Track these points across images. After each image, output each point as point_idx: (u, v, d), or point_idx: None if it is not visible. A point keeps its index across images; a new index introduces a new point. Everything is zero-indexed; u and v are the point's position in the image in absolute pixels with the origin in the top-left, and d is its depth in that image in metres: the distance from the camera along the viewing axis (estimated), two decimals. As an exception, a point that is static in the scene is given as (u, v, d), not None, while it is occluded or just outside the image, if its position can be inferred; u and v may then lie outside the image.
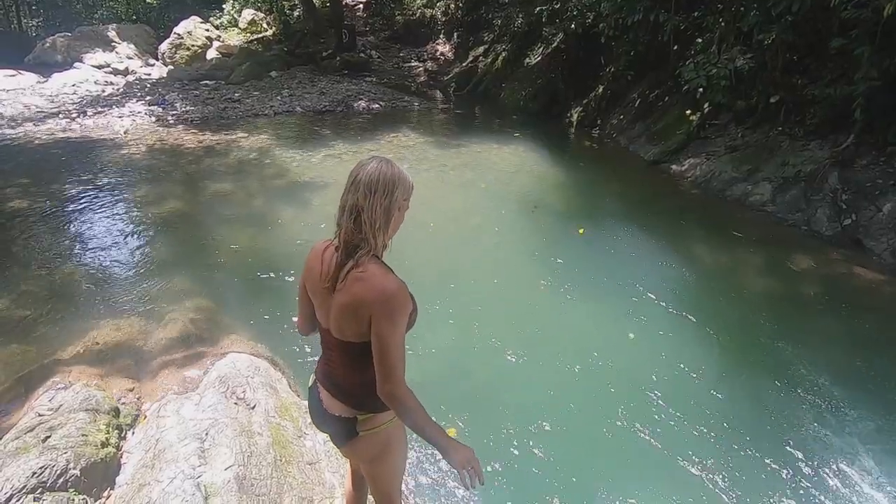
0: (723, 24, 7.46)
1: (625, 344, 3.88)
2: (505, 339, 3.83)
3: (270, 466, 2.40)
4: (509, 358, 3.66)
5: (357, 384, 1.53)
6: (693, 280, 4.84)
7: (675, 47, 8.39)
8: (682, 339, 3.97)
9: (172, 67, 15.52)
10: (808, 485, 2.80)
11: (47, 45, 16.53)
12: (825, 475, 2.86)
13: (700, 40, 7.64)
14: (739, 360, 3.77)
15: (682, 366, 3.68)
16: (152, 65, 16.37)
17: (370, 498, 2.08)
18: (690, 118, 7.93)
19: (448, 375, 3.54)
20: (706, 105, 7.70)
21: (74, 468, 2.31)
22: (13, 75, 13.41)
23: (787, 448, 3.01)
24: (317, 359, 1.76)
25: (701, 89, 7.17)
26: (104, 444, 2.55)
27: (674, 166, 7.66)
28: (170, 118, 10.37)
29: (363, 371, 1.47)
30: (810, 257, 5.25)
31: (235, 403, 2.80)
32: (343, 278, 1.41)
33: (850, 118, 5.94)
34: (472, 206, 6.47)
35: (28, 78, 13.51)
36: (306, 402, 3.01)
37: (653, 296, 4.46)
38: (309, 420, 2.83)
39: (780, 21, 6.40)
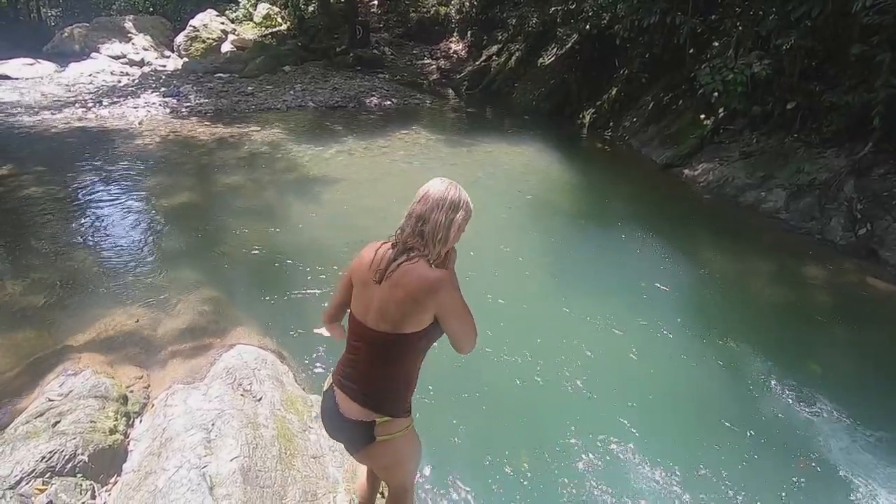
0: (740, 27, 7.37)
1: (631, 348, 3.85)
2: (508, 340, 3.81)
3: (275, 459, 2.41)
4: (511, 358, 3.65)
5: (379, 378, 1.57)
6: (703, 286, 4.79)
7: (691, 51, 8.30)
8: (691, 344, 3.94)
9: (187, 60, 15.65)
10: (820, 498, 2.76)
11: (65, 35, 16.75)
12: (836, 489, 2.82)
13: (717, 44, 7.56)
14: (749, 368, 3.73)
15: (689, 373, 3.65)
16: (167, 56, 16.52)
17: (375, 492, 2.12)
18: (704, 122, 7.85)
19: (451, 374, 3.53)
20: (721, 110, 7.61)
21: (83, 454, 2.34)
22: (32, 64, 13.60)
23: (798, 460, 2.97)
24: (323, 352, 1.76)
25: (716, 94, 7.09)
26: (112, 431, 2.58)
27: (686, 170, 7.59)
28: (184, 110, 10.45)
29: (388, 365, 1.54)
30: (823, 266, 5.18)
31: (242, 395, 2.82)
32: (392, 270, 1.49)
33: (868, 126, 5.84)
34: (480, 205, 6.44)
35: (46, 67, 13.70)
36: (312, 396, 3.05)
37: (662, 300, 4.42)
38: (314, 413, 2.88)
39: (798, 26, 6.30)
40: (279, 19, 18.48)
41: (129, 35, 16.80)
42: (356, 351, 1.59)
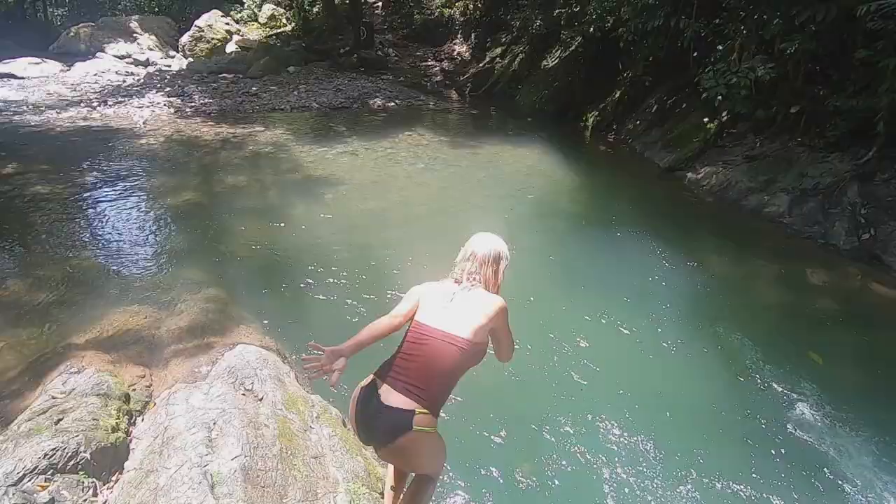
0: (745, 31, 7.35)
1: (633, 351, 3.85)
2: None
3: (276, 458, 2.41)
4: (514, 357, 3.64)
5: (432, 377, 1.77)
6: (705, 290, 4.79)
7: (695, 54, 8.29)
8: (691, 347, 3.93)
9: (192, 60, 15.71)
10: (824, 502, 2.76)
11: (71, 34, 16.84)
12: (839, 491, 2.81)
13: (720, 48, 7.54)
14: (751, 373, 3.72)
15: (690, 377, 3.65)
16: (172, 56, 16.59)
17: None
18: (708, 126, 7.84)
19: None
20: (724, 113, 7.61)
21: (85, 451, 2.35)
22: (38, 63, 13.68)
23: (801, 465, 2.97)
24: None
25: (720, 97, 7.09)
26: (114, 429, 2.58)
27: (689, 174, 7.58)
28: (188, 110, 10.49)
29: (445, 368, 1.78)
30: (826, 271, 5.17)
31: (243, 394, 2.83)
32: (467, 300, 1.86)
33: (872, 131, 5.82)
34: (483, 206, 6.46)
35: (52, 66, 13.77)
36: (313, 396, 3.06)
37: (663, 305, 4.42)
38: (315, 413, 2.88)
39: (803, 30, 6.30)
40: (284, 20, 18.55)
41: (135, 35, 16.89)
42: (416, 353, 1.79)
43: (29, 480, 2.15)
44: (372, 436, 1.81)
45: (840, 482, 2.87)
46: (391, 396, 1.72)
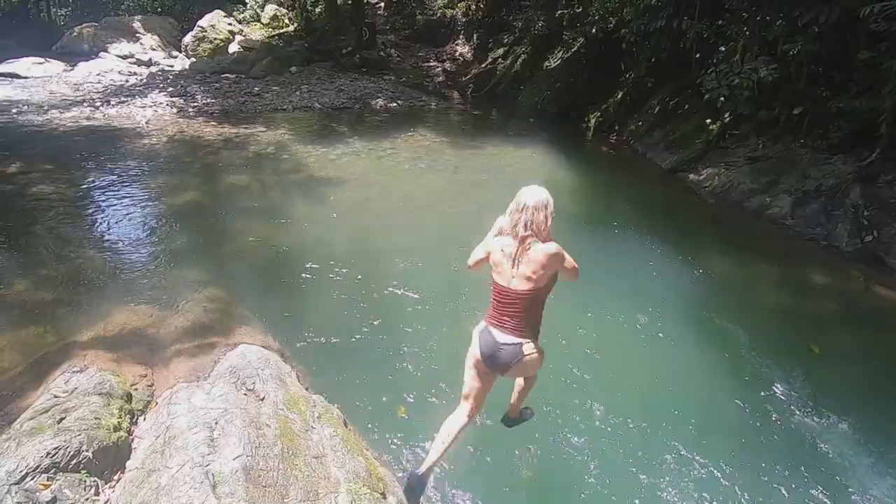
0: (747, 32, 7.35)
1: (633, 350, 3.85)
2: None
3: (277, 458, 2.42)
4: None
5: (525, 318, 2.34)
6: (706, 292, 4.78)
7: (698, 55, 8.29)
8: (693, 349, 3.93)
9: (195, 60, 15.74)
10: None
11: (74, 34, 16.87)
12: (842, 493, 2.80)
13: (723, 49, 7.53)
14: (752, 373, 3.71)
15: (691, 376, 3.64)
16: (175, 57, 16.62)
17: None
18: (710, 127, 7.83)
19: (455, 373, 3.53)
20: (727, 115, 7.60)
21: (87, 450, 2.35)
22: (41, 63, 13.71)
23: (801, 467, 2.96)
24: (326, 354, 1.79)
25: (722, 99, 7.08)
26: (116, 428, 2.59)
27: (691, 175, 7.58)
28: (190, 110, 10.51)
29: (530, 310, 2.34)
30: (829, 273, 5.16)
31: (245, 394, 2.83)
32: (522, 254, 2.27)
33: (875, 132, 5.82)
34: (485, 207, 6.46)
35: (55, 66, 13.80)
36: (314, 396, 3.07)
37: (664, 306, 4.41)
38: (317, 414, 2.89)
39: (806, 31, 6.29)
40: (286, 20, 18.57)
41: (138, 35, 16.92)
42: (506, 303, 2.33)
43: (31, 479, 2.15)
44: (497, 366, 2.39)
45: (841, 483, 2.87)
46: (503, 337, 2.34)
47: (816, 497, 2.79)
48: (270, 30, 18.07)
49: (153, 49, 16.58)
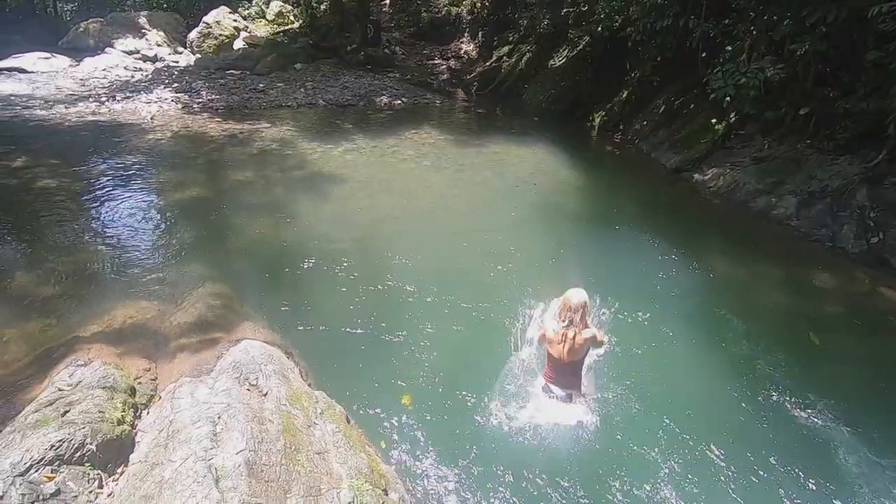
0: (754, 32, 7.30)
1: (635, 350, 3.84)
2: (511, 340, 3.81)
3: (280, 454, 2.42)
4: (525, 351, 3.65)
5: (578, 378, 3.22)
6: (711, 292, 4.76)
7: (704, 54, 8.24)
8: (696, 349, 3.92)
9: (200, 56, 15.77)
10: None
11: (80, 29, 16.92)
12: (844, 494, 2.79)
13: (729, 48, 7.48)
14: (756, 375, 3.70)
15: (694, 376, 3.63)
16: (180, 52, 16.65)
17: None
18: (716, 127, 7.79)
19: (457, 371, 3.54)
20: (733, 114, 7.56)
21: (91, 443, 2.37)
22: (47, 58, 13.75)
23: (802, 466, 2.95)
24: (329, 350, 1.79)
25: (728, 98, 7.04)
26: (120, 422, 2.60)
27: (696, 175, 7.54)
28: (195, 106, 10.54)
29: (575, 373, 3.19)
30: (834, 274, 5.12)
31: (248, 389, 2.84)
32: (571, 338, 3.09)
33: (882, 133, 5.77)
34: (487, 206, 6.45)
35: (61, 61, 13.84)
36: (317, 392, 3.08)
37: (668, 305, 4.40)
38: (319, 409, 2.91)
39: (813, 31, 6.24)
40: (291, 17, 18.58)
41: (143, 31, 16.95)
42: (562, 371, 3.19)
43: (36, 471, 2.17)
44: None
45: (844, 482, 2.86)
46: (560, 392, 3.20)
47: (817, 496, 2.78)
48: (275, 26, 18.08)
49: (158, 45, 16.61)
